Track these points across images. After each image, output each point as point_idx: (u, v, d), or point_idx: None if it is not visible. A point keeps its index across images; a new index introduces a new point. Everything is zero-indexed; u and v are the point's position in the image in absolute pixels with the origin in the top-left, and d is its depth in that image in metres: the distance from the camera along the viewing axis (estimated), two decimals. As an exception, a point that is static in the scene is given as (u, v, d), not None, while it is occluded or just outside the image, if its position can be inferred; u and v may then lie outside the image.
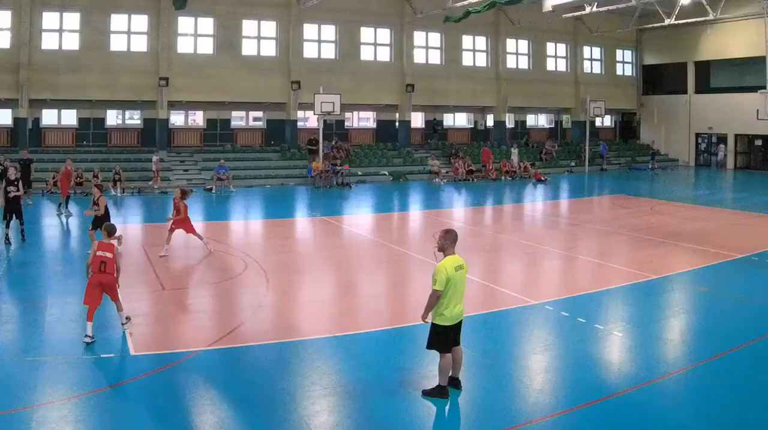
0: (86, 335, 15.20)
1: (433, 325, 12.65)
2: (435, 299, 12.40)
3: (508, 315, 18.13)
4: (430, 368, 13.45)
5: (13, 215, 27.12)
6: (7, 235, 26.58)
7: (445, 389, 12.58)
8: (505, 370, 14.16)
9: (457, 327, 12.78)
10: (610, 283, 21.81)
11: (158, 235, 27.31)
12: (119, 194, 44.10)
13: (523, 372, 14.21)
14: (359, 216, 38.84)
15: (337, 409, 12.39)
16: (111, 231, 16.43)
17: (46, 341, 15.63)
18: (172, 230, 25.36)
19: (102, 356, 14.58)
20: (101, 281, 15.66)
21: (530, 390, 13.20)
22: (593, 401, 12.57)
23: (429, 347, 12.81)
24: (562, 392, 13.16)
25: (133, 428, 11.44)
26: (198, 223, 31.46)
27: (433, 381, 12.87)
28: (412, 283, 22.50)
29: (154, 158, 48.79)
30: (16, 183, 27.41)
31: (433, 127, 65.63)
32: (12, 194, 27.06)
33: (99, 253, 15.75)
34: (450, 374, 12.77)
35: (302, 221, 37.00)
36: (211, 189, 47.56)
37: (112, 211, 33.74)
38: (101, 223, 20.65)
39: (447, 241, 12.75)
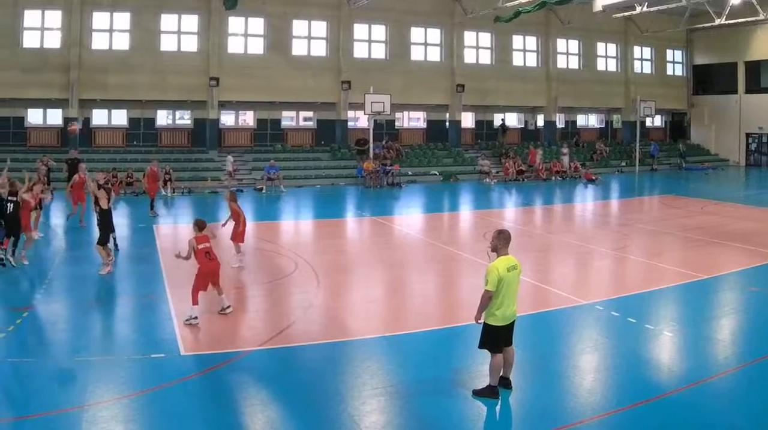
0: (193, 317, 15.90)
1: (486, 325, 12.25)
2: (487, 300, 12.04)
3: (559, 315, 17.48)
4: (480, 368, 12.97)
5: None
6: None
7: (496, 389, 12.17)
8: (555, 370, 13.58)
9: (509, 327, 12.37)
10: (660, 283, 20.91)
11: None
12: (170, 194, 42.47)
13: (573, 372, 13.64)
14: (409, 216, 37.40)
15: (388, 409, 11.97)
16: (202, 226, 16.88)
17: (96, 341, 15.33)
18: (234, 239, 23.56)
19: (152, 356, 14.09)
20: (213, 269, 16.52)
21: (580, 390, 12.75)
22: (643, 402, 12.07)
23: (481, 346, 12.37)
24: (612, 392, 12.74)
25: (183, 429, 11.08)
26: (249, 223, 30.65)
27: (483, 381, 12.44)
28: (462, 283, 21.82)
29: (230, 158, 47.89)
30: (106, 187, 24.96)
31: (502, 127, 62.86)
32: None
33: (201, 245, 16.45)
34: (501, 374, 12.32)
35: (352, 221, 35.61)
36: (261, 189, 45.81)
37: (164, 212, 34.85)
38: (104, 232, 21.41)
39: (500, 241, 12.34)
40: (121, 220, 30.00)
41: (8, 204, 21.94)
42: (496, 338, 12.16)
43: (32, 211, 23.57)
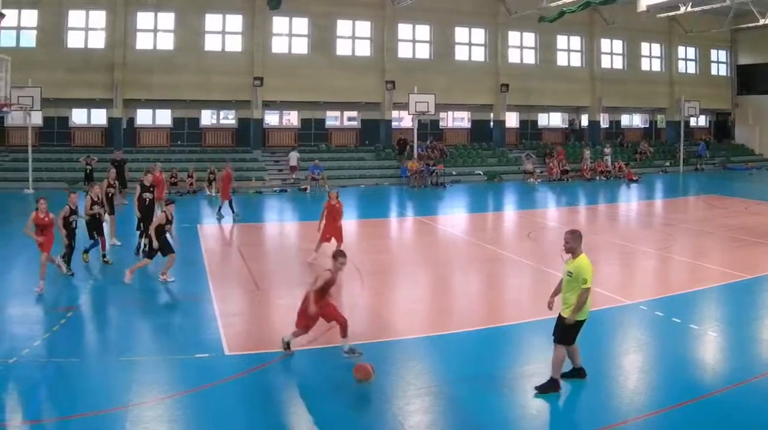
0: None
1: (575, 321, 11.94)
2: (587, 297, 11.80)
3: (603, 315, 16.40)
4: (524, 368, 13.10)
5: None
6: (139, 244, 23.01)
7: (557, 383, 11.94)
8: (599, 370, 13.05)
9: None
10: (704, 283, 20.34)
11: (254, 234, 26.29)
12: (213, 194, 39.88)
13: (617, 372, 13.31)
14: (453, 216, 35.87)
15: (432, 409, 11.61)
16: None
17: (140, 341, 14.90)
18: (326, 238, 22.53)
19: (196, 356, 13.68)
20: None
21: (625, 390, 12.41)
22: (687, 402, 11.71)
23: (560, 341, 12.03)
24: (657, 392, 12.35)
25: (227, 428, 10.75)
26: (294, 223, 32.46)
27: (527, 380, 12.39)
28: (506, 283, 21.27)
29: (295, 154, 46.72)
30: (151, 189, 23.45)
31: (571, 127, 60.32)
32: (149, 200, 23.14)
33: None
34: (573, 365, 12.33)
35: (396, 221, 34.44)
36: (305, 189, 43.97)
37: (207, 211, 33.76)
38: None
39: (576, 242, 12.10)
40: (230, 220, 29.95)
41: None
42: (577, 332, 12.03)
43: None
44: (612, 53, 59.73)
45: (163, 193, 28.92)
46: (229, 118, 51.69)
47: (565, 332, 11.98)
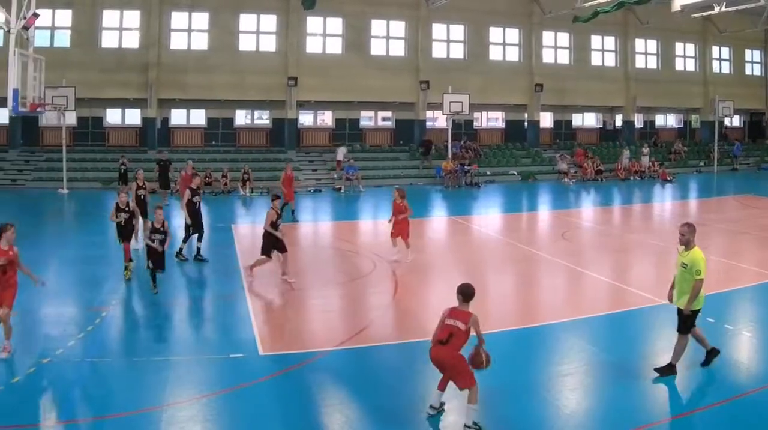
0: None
1: (692, 311, 11.80)
2: (701, 287, 11.68)
3: (637, 315, 16.12)
4: (559, 368, 12.60)
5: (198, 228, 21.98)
6: (198, 248, 21.72)
7: (674, 367, 11.88)
8: (634, 370, 12.53)
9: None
10: (738, 283, 19.27)
11: (288, 234, 22.97)
12: (248, 194, 39.21)
13: (652, 372, 12.25)
14: (488, 216, 34.87)
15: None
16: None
17: (175, 341, 14.46)
18: (393, 234, 21.96)
19: (231, 356, 13.16)
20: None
21: (659, 390, 11.81)
22: (722, 401, 11.18)
23: (684, 331, 11.93)
24: (691, 391, 11.99)
25: (261, 429, 10.29)
26: (328, 222, 32.03)
27: (561, 381, 12.03)
28: (540, 283, 20.24)
29: (343, 149, 45.24)
30: (199, 192, 22.36)
31: (613, 127, 57.79)
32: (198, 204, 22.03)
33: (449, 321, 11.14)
34: (705, 348, 12.24)
35: (431, 221, 32.50)
36: (340, 189, 42.29)
37: (242, 211, 33.43)
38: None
39: (691, 234, 11.90)
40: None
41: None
42: (694, 320, 11.93)
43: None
44: (646, 53, 56.84)
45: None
46: (263, 118, 49.91)
47: (685, 322, 11.88)
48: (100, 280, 18.92)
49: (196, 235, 21.51)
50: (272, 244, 18.72)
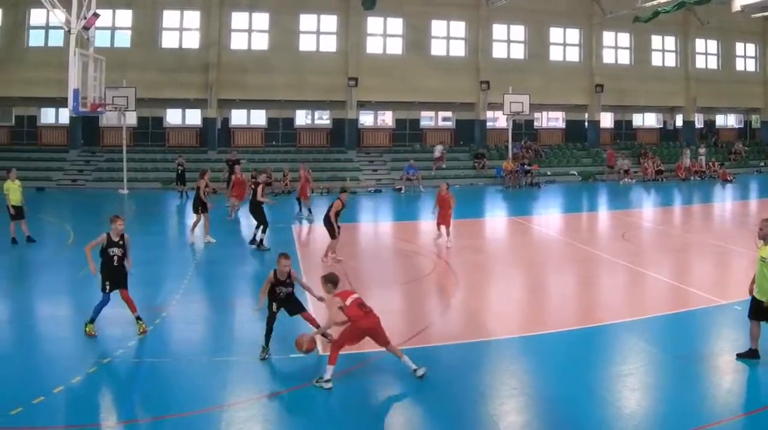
0: (325, 380, 10.95)
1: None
2: None
3: (697, 315, 14.99)
4: (619, 368, 11.80)
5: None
6: (261, 239, 22.05)
7: (757, 352, 11.58)
8: (693, 370, 11.69)
9: None
10: None
11: (348, 234, 23.27)
12: (309, 194, 34.21)
13: (712, 372, 11.69)
14: (548, 216, 32.88)
15: (526, 409, 10.42)
16: (336, 281, 12.15)
17: (235, 341, 13.31)
18: (439, 225, 22.48)
19: (291, 356, 12.11)
20: (373, 323, 11.46)
21: (719, 390, 11.03)
22: None
23: (754, 317, 11.68)
24: (751, 392, 11.12)
25: (321, 428, 9.97)
26: (388, 223, 31.00)
27: (621, 381, 11.27)
28: (600, 283, 19.19)
29: (440, 147, 43.45)
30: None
31: (709, 128, 53.73)
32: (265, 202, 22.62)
33: (349, 299, 11.53)
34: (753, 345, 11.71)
35: (491, 221, 31.62)
36: (400, 189, 39.61)
37: (305, 212, 30.74)
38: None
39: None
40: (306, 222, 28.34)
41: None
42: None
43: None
44: (707, 53, 52.03)
45: (244, 194, 27.60)
46: (323, 119, 46.54)
47: (761, 312, 11.55)
48: (160, 280, 17.91)
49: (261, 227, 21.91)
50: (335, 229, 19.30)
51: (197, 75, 40.91)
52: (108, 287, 13.07)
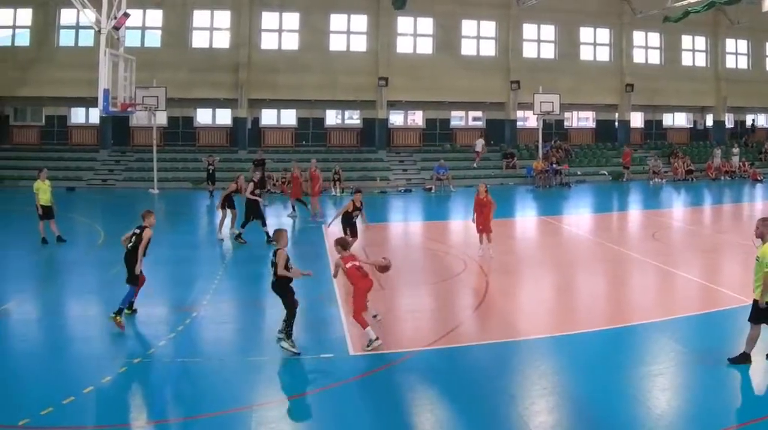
0: (374, 339, 11.88)
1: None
2: None
3: (728, 315, 13.94)
4: (649, 368, 11.16)
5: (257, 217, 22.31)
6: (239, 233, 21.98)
7: (749, 356, 11.02)
8: (724, 370, 11.09)
9: None
10: None
11: (379, 234, 23.70)
12: (339, 194, 35.38)
13: (743, 372, 10.96)
14: (578, 216, 31.85)
15: (557, 409, 9.92)
16: (345, 245, 12.76)
17: (265, 341, 12.56)
18: (478, 229, 20.24)
19: (321, 356, 11.70)
20: (369, 286, 12.42)
21: (749, 389, 10.64)
22: None
23: (754, 321, 11.05)
24: None
25: (352, 428, 9.32)
26: (418, 222, 29.81)
27: (651, 381, 10.71)
28: (631, 283, 18.06)
29: (481, 141, 42.56)
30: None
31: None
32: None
33: (349, 264, 12.19)
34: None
35: (522, 221, 30.33)
36: (430, 189, 38.10)
37: (332, 211, 29.82)
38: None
39: (766, 228, 11.14)
40: (290, 219, 26.83)
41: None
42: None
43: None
44: (737, 53, 49.82)
45: (299, 192, 28.24)
46: (354, 118, 44.86)
47: (759, 313, 10.97)
48: (191, 280, 17.44)
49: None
50: (347, 227, 19.11)
51: (227, 75, 39.50)
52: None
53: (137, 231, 13.24)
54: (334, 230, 20.49)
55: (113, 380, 10.58)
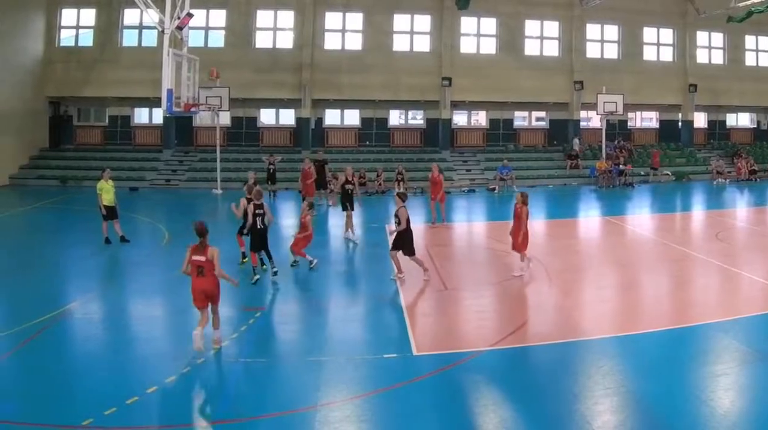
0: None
1: None
2: None
3: None
4: (713, 368, 10.50)
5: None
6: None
7: None
8: None
9: None
10: None
11: (442, 234, 22.95)
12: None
13: None
14: (641, 216, 29.59)
15: (620, 409, 9.28)
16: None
17: (328, 341, 11.90)
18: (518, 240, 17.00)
19: (384, 356, 11.09)
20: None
21: None
22: None
23: None
24: None
25: (415, 428, 8.79)
26: (481, 223, 28.33)
27: (715, 381, 10.03)
28: (694, 283, 16.56)
29: (576, 140, 39.63)
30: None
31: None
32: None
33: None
34: None
35: (585, 221, 28.50)
36: (494, 189, 35.25)
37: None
38: None
39: None
40: (355, 220, 24.25)
41: None
42: None
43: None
44: (801, 53, 46.09)
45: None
46: (417, 118, 41.45)
47: None
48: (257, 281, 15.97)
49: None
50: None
51: (291, 75, 36.77)
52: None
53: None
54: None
55: (177, 380, 10.13)
